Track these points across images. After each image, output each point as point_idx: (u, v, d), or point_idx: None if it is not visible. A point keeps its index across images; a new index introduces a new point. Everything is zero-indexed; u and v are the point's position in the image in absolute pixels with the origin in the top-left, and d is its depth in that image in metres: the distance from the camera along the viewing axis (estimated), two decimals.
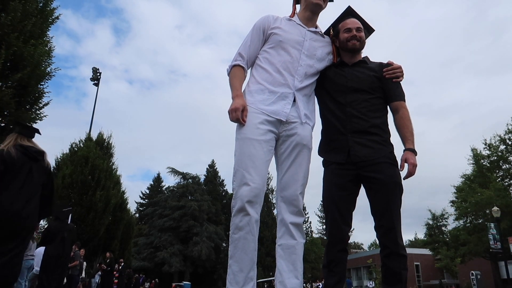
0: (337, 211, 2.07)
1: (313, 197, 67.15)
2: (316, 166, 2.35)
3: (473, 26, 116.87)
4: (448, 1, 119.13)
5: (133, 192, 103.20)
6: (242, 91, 2.15)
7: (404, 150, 2.07)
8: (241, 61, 2.17)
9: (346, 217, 2.08)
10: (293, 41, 2.17)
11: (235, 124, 2.09)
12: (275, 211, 50.93)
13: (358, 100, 2.14)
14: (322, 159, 2.27)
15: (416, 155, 2.05)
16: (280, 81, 2.10)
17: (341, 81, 2.22)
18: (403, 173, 2.00)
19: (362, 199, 2.16)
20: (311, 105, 2.25)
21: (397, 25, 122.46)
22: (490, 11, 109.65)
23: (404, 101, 2.20)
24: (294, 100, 2.11)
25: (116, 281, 15.35)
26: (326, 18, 2.39)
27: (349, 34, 2.23)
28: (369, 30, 2.38)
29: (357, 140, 2.08)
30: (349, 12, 2.33)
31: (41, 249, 6.74)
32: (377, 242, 2.07)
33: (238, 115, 1.99)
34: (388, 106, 2.24)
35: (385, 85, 2.19)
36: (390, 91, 2.19)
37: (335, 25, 2.35)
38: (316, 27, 2.31)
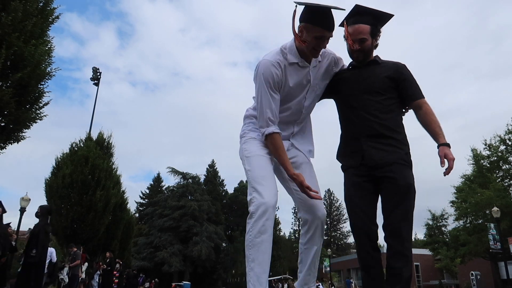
0: (360, 210, 2.07)
1: None
2: (317, 169, 2.38)
3: (475, 33, 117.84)
4: (450, 10, 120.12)
5: (135, 192, 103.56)
6: (246, 114, 2.35)
7: (438, 146, 2.03)
8: (276, 128, 2.12)
9: (370, 215, 2.06)
10: (298, 90, 2.20)
11: (236, 125, 2.19)
12: None
13: (370, 103, 2.12)
14: (341, 164, 2.31)
15: (450, 148, 2.01)
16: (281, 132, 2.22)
17: (353, 84, 2.21)
18: (443, 169, 1.93)
19: None
20: (308, 134, 2.43)
21: (401, 32, 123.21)
22: (491, 19, 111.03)
23: (424, 97, 2.17)
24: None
25: (116, 280, 15.37)
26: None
27: (352, 47, 2.16)
28: (384, 19, 2.23)
29: (371, 144, 2.08)
30: (357, 12, 2.16)
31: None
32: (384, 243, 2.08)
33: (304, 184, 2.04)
34: (403, 106, 2.23)
35: (400, 85, 2.16)
36: (408, 91, 2.16)
37: (343, 23, 2.23)
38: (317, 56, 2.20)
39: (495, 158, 23.97)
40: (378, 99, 2.12)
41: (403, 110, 2.26)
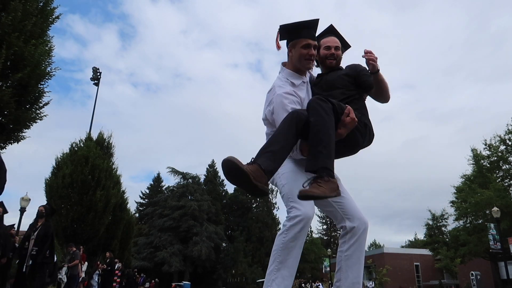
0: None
1: None
2: None
3: (475, 36, 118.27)
4: (451, 13, 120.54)
5: (136, 192, 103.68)
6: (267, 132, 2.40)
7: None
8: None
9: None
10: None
11: (236, 125, 2.19)
12: (275, 211, 50.98)
13: (333, 94, 2.30)
14: None
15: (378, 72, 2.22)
16: None
17: (320, 86, 2.44)
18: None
19: (363, 200, 2.18)
20: None
21: (402, 35, 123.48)
22: (491, 22, 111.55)
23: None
24: None
25: (118, 280, 15.37)
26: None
27: (328, 52, 2.45)
28: (345, 46, 2.61)
29: None
30: (331, 30, 2.55)
31: None
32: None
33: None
34: (363, 94, 2.44)
35: (357, 80, 2.37)
36: (365, 83, 2.36)
37: (317, 39, 2.49)
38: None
39: (495, 158, 23.98)
40: (340, 91, 2.34)
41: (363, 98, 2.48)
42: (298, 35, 2.27)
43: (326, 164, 1.78)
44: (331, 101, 1.97)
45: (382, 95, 2.34)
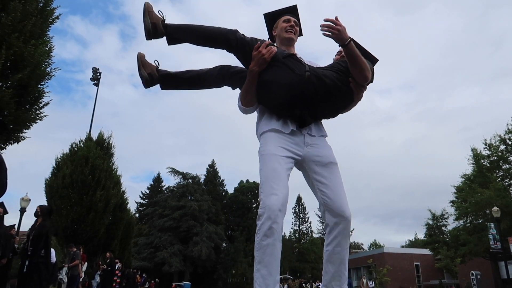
0: None
1: (313, 197, 67.23)
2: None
3: (476, 37, 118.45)
4: (452, 15, 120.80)
5: (137, 192, 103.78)
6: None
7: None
8: None
9: None
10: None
11: (237, 125, 2.18)
12: None
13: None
14: None
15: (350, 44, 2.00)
16: None
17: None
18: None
19: (363, 200, 2.17)
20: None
21: (404, 36, 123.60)
22: (492, 23, 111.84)
23: None
24: None
25: (118, 280, 15.35)
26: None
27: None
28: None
29: None
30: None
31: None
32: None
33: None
34: None
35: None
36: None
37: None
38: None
39: (495, 157, 23.96)
40: None
41: None
42: (276, 15, 2.43)
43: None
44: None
45: (356, 73, 2.07)
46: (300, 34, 2.47)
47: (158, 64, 2.43)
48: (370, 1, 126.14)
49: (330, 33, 1.98)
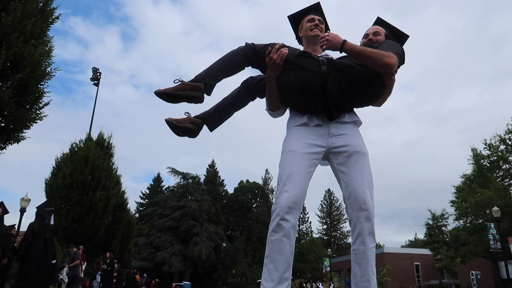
0: None
1: (313, 197, 67.41)
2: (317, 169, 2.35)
3: (476, 38, 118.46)
4: (452, 16, 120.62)
5: (137, 193, 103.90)
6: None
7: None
8: None
9: None
10: None
11: (237, 126, 2.19)
12: None
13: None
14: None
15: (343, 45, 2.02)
16: None
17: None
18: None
19: None
20: None
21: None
22: (492, 25, 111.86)
23: None
24: None
25: (114, 280, 15.33)
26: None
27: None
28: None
29: None
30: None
31: None
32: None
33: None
34: None
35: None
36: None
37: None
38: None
39: (495, 157, 23.95)
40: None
41: None
42: (300, 16, 2.43)
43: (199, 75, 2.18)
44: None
45: (372, 66, 2.04)
46: (327, 30, 2.44)
47: (190, 114, 2.34)
48: (371, 3, 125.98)
49: (324, 45, 2.06)
